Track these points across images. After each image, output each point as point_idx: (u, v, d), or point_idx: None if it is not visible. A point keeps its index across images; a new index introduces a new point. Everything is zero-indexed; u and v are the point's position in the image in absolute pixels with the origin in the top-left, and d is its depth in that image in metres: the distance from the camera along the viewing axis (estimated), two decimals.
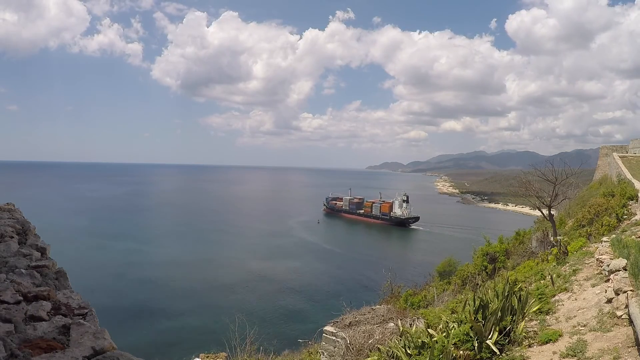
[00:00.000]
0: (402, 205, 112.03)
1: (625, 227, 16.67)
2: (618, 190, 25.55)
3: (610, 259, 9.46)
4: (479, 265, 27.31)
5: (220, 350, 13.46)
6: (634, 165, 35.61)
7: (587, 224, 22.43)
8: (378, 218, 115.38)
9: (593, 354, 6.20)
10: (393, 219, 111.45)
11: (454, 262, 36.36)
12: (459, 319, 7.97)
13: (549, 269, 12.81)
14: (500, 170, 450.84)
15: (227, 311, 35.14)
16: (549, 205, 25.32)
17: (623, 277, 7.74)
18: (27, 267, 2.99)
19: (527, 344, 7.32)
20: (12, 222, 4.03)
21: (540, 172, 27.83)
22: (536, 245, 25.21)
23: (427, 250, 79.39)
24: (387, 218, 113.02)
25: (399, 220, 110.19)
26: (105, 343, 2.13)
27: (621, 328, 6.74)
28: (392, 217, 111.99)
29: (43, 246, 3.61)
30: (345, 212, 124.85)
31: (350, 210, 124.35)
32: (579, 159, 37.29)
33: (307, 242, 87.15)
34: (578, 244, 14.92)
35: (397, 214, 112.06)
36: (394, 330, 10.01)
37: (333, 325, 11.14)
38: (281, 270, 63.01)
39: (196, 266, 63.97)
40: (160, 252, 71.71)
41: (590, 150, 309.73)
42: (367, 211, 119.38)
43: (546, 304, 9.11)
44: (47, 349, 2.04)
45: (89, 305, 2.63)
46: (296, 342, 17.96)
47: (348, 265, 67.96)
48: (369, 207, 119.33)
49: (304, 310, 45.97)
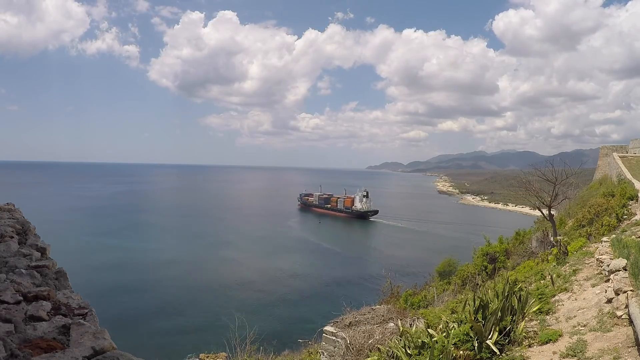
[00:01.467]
0: (363, 200, 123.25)
1: (625, 227, 16.67)
2: (618, 190, 25.53)
3: (610, 259, 9.46)
4: (479, 265, 27.30)
5: (220, 350, 13.46)
6: (634, 165, 35.60)
7: (587, 224, 22.43)
8: (342, 211, 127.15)
9: (593, 354, 6.20)
10: (354, 212, 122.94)
11: (454, 262, 36.33)
12: (459, 319, 7.97)
13: (549, 269, 12.81)
14: (500, 170, 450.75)
15: (227, 311, 35.18)
16: (549, 205, 25.31)
17: (623, 277, 7.74)
18: (27, 267, 2.99)
19: (527, 344, 7.32)
20: (12, 222, 4.03)
21: (540, 172, 27.83)
22: (536, 245, 25.19)
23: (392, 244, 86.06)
24: (349, 211, 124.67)
25: (360, 213, 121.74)
26: (105, 343, 2.13)
27: (621, 328, 6.74)
28: (353, 210, 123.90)
29: (43, 246, 3.60)
30: (316, 207, 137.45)
31: (319, 205, 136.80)
32: (579, 159, 37.31)
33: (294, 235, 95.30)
34: (578, 244, 14.92)
35: (357, 207, 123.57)
36: (394, 330, 10.00)
37: (333, 325, 11.13)
38: (281, 269, 63.02)
39: (196, 266, 63.99)
40: (160, 252, 71.68)
41: (590, 150, 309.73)
42: (333, 205, 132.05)
43: (546, 304, 9.11)
44: (47, 349, 2.04)
45: (89, 305, 2.63)
46: (296, 342, 17.93)
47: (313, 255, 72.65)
48: (335, 202, 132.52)
49: (304, 310, 45.95)
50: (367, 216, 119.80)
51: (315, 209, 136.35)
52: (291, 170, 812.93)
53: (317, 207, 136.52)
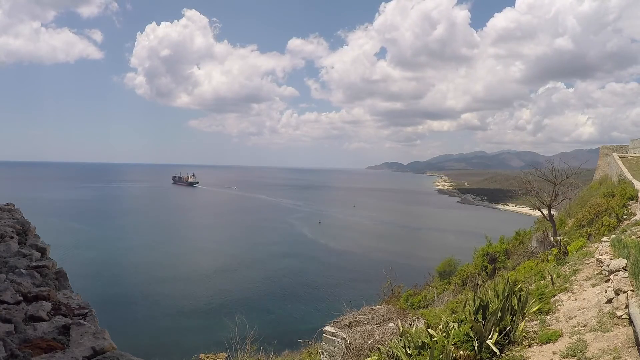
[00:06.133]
0: (194, 178, 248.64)
1: (625, 227, 16.66)
2: (618, 190, 25.51)
3: (610, 259, 9.46)
4: (479, 265, 27.30)
5: (220, 350, 13.45)
6: (634, 165, 35.60)
7: (587, 224, 22.42)
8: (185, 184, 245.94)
9: (593, 354, 6.20)
10: (189, 183, 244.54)
11: (454, 262, 36.31)
12: (459, 319, 7.97)
13: (549, 269, 12.80)
14: (500, 170, 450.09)
15: (227, 311, 35.17)
16: (549, 205, 25.30)
17: (623, 277, 7.75)
18: (27, 267, 2.98)
19: (527, 344, 7.32)
20: (12, 222, 4.03)
21: (540, 172, 27.83)
22: (536, 245, 25.18)
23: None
24: (184, 183, 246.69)
25: (190, 183, 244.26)
26: (105, 343, 2.13)
27: (621, 328, 6.74)
28: (188, 182, 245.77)
29: (43, 246, 3.60)
30: (178, 183, 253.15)
31: (179, 182, 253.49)
32: (579, 158, 37.31)
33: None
34: (578, 244, 14.92)
35: (190, 180, 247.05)
36: (394, 330, 10.00)
37: (333, 326, 11.13)
38: (280, 269, 63.03)
39: (196, 266, 63.97)
40: (160, 252, 71.66)
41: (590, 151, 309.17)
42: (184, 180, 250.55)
43: (546, 304, 9.10)
44: (47, 349, 2.04)
45: (89, 306, 2.63)
46: (296, 342, 17.90)
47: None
48: (185, 179, 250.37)
49: (304, 310, 45.95)
50: (194, 184, 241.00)
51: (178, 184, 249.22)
52: (290, 170, 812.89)
53: (179, 183, 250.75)
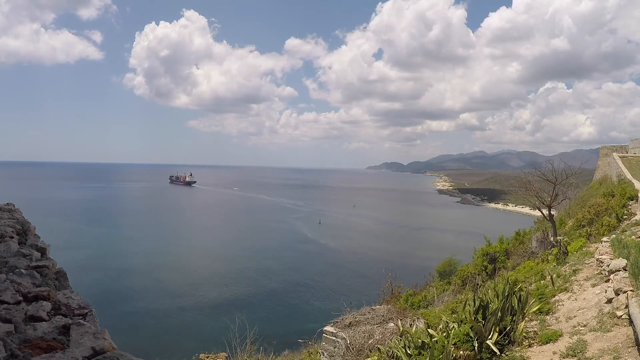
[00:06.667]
0: (192, 177, 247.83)
1: (625, 227, 16.66)
2: (618, 190, 25.50)
3: (610, 259, 9.46)
4: (479, 265, 27.29)
5: (220, 350, 13.44)
6: (634, 165, 35.60)
7: (587, 224, 22.41)
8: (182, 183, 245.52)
9: (593, 354, 6.20)
10: (186, 182, 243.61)
11: (454, 262, 36.30)
12: (459, 319, 7.97)
13: (549, 269, 12.80)
14: (500, 170, 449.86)
15: (227, 311, 35.18)
16: (549, 205, 25.28)
17: (623, 277, 7.75)
18: (27, 267, 2.98)
19: (527, 344, 7.32)
20: (12, 222, 4.03)
21: (540, 172, 27.81)
22: (536, 245, 25.18)
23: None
24: (182, 183, 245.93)
25: (188, 182, 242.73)
26: (105, 343, 2.13)
27: (621, 328, 6.74)
28: (185, 181, 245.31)
29: (43, 246, 3.60)
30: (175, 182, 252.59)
31: (176, 182, 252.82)
32: (579, 159, 37.29)
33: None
34: (578, 244, 14.92)
35: (187, 180, 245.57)
36: (394, 330, 10.00)
37: (333, 326, 11.13)
38: (280, 268, 63.02)
39: (195, 266, 63.96)
40: (160, 252, 71.66)
41: (590, 151, 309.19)
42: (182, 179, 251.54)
43: (546, 304, 9.11)
44: (47, 349, 2.04)
45: (89, 306, 2.63)
46: (296, 342, 17.89)
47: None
48: (182, 179, 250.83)
49: (304, 310, 45.94)
50: (191, 184, 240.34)
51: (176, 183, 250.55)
52: (290, 170, 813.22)
53: (176, 182, 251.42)
